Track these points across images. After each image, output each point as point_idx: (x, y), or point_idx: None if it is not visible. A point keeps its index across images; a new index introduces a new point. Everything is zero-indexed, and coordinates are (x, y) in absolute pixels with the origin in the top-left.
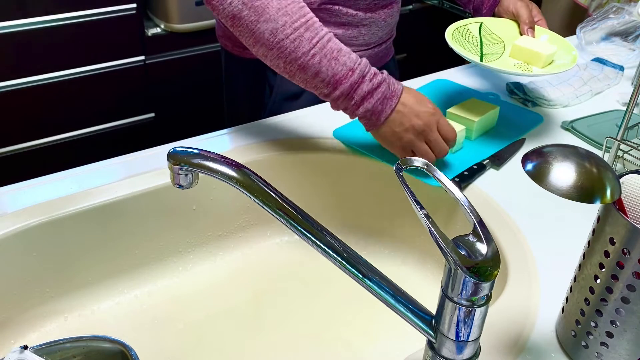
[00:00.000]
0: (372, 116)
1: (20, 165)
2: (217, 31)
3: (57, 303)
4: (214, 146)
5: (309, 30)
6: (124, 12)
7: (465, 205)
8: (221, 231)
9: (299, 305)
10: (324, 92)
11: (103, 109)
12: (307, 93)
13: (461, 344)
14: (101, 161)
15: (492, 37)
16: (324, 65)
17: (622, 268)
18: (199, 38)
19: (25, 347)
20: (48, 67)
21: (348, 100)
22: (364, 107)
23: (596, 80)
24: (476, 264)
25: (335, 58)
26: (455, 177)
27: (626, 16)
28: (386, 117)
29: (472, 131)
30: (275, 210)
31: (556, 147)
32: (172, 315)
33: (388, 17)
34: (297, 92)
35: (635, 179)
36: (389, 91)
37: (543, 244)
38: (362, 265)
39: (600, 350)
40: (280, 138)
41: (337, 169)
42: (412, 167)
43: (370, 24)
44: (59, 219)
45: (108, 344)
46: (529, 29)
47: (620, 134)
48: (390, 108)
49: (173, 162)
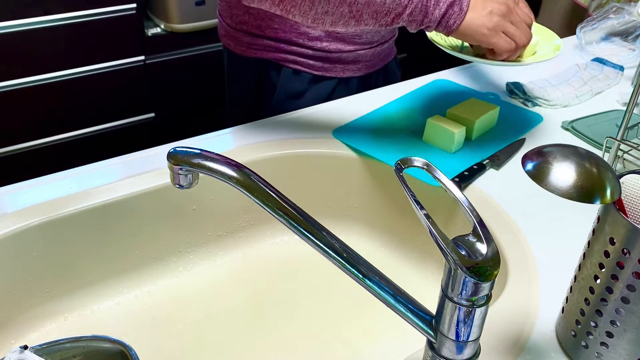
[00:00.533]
0: (454, 8)
1: (20, 165)
2: (219, 30)
3: (57, 303)
4: (214, 146)
5: None
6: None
7: (465, 205)
8: (221, 231)
9: (299, 305)
10: (398, 10)
11: (103, 109)
12: (310, 92)
13: (461, 344)
14: (101, 161)
15: None
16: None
17: (622, 268)
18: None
19: (25, 347)
20: (48, 67)
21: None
22: (444, 2)
23: (596, 80)
24: (476, 264)
25: None
26: (455, 177)
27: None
28: (467, 4)
29: (472, 131)
30: (275, 210)
31: (556, 147)
32: (172, 315)
33: None
34: (301, 91)
35: (635, 179)
36: None
37: (543, 244)
38: (362, 265)
39: (600, 350)
40: (280, 138)
41: (337, 169)
42: (412, 167)
43: None
44: (59, 219)
45: (108, 344)
46: None
47: (620, 134)
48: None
49: (173, 162)
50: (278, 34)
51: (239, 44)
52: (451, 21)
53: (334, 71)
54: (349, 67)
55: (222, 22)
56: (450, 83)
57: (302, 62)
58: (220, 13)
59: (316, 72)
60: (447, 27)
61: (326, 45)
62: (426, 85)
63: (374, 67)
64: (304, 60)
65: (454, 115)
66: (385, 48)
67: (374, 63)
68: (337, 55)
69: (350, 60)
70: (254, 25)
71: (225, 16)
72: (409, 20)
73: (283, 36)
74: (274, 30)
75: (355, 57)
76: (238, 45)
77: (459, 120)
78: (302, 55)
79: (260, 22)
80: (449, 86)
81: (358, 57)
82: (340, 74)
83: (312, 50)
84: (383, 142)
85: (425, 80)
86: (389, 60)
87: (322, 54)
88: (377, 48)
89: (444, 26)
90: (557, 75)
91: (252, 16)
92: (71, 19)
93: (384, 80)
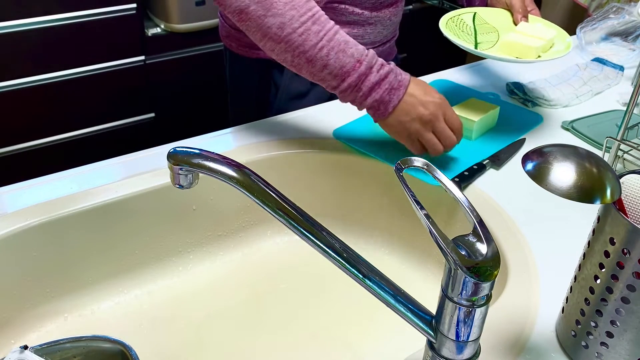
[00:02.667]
0: (379, 106)
1: (20, 165)
2: (220, 31)
3: (57, 303)
4: (214, 146)
5: (316, 24)
6: (124, 12)
7: (465, 205)
8: (221, 231)
9: (299, 305)
10: (332, 84)
11: (103, 109)
12: (313, 92)
13: (461, 344)
14: (101, 161)
15: (486, 26)
16: (331, 58)
17: (622, 268)
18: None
19: (25, 347)
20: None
21: (356, 91)
22: (371, 98)
23: (596, 80)
24: (476, 264)
25: (342, 50)
26: (455, 177)
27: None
28: (394, 107)
29: (472, 131)
30: (275, 210)
31: (556, 147)
32: (172, 315)
33: (393, 16)
34: (304, 91)
35: (635, 179)
36: (396, 81)
37: (543, 244)
38: (362, 265)
39: (600, 350)
40: (280, 138)
41: (337, 169)
42: (412, 167)
43: (376, 23)
44: (59, 219)
45: (108, 344)
46: (522, 17)
47: (620, 134)
48: (397, 98)
49: (173, 162)
50: None
51: (241, 45)
52: (375, 116)
53: None
54: None
55: (223, 23)
56: (450, 83)
57: None
58: (222, 14)
59: None
60: (374, 117)
61: None
62: None
63: None
64: None
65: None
66: (387, 48)
67: None
68: None
69: None
70: None
71: (227, 17)
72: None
73: None
74: None
75: None
76: (240, 46)
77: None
78: None
79: None
80: (449, 86)
81: None
82: None
83: None
84: (383, 142)
85: (425, 80)
86: (390, 60)
87: None
88: (379, 48)
89: (372, 114)
90: (557, 75)
91: None
92: (71, 19)
93: None
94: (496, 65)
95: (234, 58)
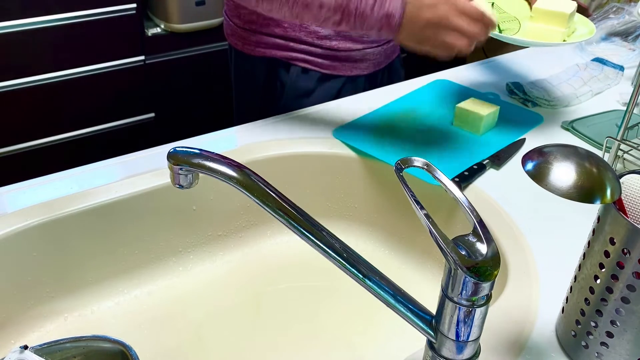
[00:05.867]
0: (389, 21)
1: (20, 165)
2: (225, 30)
3: (57, 303)
4: (214, 146)
5: None
6: (124, 12)
7: (465, 205)
8: (221, 231)
9: (298, 305)
10: (336, 19)
11: (103, 109)
12: (319, 90)
13: (461, 344)
14: (101, 161)
15: (505, 15)
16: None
17: (622, 268)
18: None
19: (25, 347)
20: (48, 67)
21: (359, 18)
22: (374, 18)
23: (596, 80)
24: (476, 264)
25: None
26: (455, 177)
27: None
28: (400, 17)
29: (480, 126)
30: (275, 210)
31: (556, 147)
32: (172, 315)
33: None
34: (310, 89)
35: (635, 179)
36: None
37: (543, 244)
38: (362, 265)
39: (600, 350)
40: (280, 138)
41: (337, 169)
42: (412, 166)
43: None
44: (59, 219)
45: (108, 344)
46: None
47: (620, 134)
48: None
49: (173, 162)
50: (287, 33)
51: (247, 43)
52: (388, 34)
53: (342, 69)
54: (357, 65)
55: (228, 21)
56: (450, 83)
57: (311, 60)
58: (227, 13)
59: (325, 70)
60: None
61: (335, 44)
62: (426, 86)
63: (380, 65)
64: (313, 59)
65: (463, 110)
66: (391, 46)
67: (380, 61)
68: (346, 54)
69: (358, 59)
70: (262, 24)
71: (232, 15)
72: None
73: (292, 35)
74: (284, 29)
75: (363, 55)
76: (246, 44)
77: (468, 114)
78: (311, 54)
79: (270, 20)
80: (449, 86)
81: (366, 55)
82: (348, 72)
83: (322, 49)
84: (383, 142)
85: (425, 80)
86: (394, 58)
87: (331, 52)
88: (384, 46)
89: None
90: (557, 75)
91: (261, 15)
92: (71, 19)
93: (388, 78)
94: (496, 65)
95: (238, 56)
